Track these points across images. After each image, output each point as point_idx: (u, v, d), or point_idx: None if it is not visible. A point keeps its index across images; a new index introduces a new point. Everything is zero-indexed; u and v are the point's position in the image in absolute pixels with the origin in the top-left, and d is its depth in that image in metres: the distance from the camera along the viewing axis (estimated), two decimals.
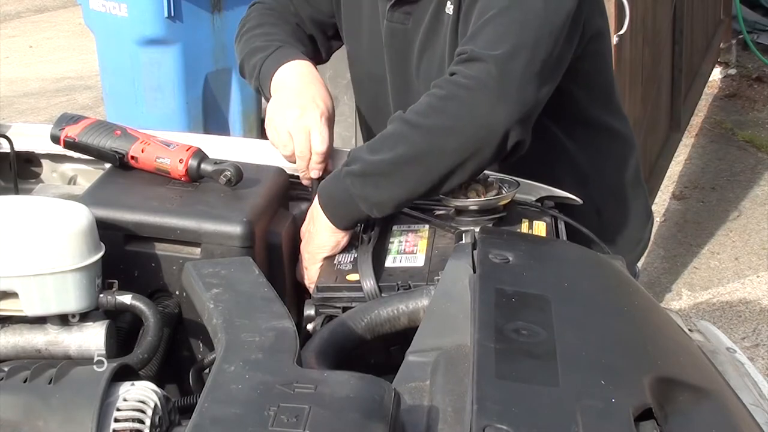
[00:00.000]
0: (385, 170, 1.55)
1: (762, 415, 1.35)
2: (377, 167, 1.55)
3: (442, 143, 1.53)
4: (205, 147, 1.57)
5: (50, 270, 1.28)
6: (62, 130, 1.60)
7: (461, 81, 1.55)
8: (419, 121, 1.55)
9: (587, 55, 1.77)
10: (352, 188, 1.55)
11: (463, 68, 1.56)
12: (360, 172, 1.55)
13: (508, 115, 1.53)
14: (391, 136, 1.57)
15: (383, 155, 1.55)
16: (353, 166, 1.56)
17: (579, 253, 1.46)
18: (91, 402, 1.03)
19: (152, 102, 4.49)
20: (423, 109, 1.57)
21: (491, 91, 1.53)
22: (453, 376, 1.10)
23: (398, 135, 1.56)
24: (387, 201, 1.56)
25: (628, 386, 1.06)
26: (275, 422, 0.94)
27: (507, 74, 1.54)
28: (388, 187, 1.55)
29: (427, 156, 1.54)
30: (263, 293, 1.22)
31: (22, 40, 8.28)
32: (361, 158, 1.57)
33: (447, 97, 1.55)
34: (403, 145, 1.55)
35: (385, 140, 1.58)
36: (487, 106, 1.53)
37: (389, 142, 1.56)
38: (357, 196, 1.55)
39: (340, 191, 1.57)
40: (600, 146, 1.94)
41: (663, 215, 4.74)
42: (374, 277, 1.45)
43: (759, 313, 3.95)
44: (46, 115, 6.25)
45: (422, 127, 1.55)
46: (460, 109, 1.53)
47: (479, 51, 1.56)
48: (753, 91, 6.26)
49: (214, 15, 4.46)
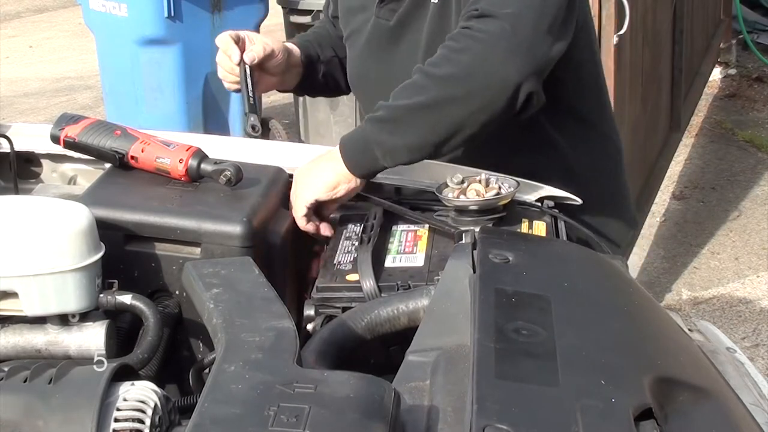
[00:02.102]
0: (400, 116, 1.61)
1: (762, 415, 1.35)
2: (394, 113, 1.61)
3: (454, 92, 1.59)
4: (205, 147, 1.57)
5: (50, 270, 1.28)
6: (62, 130, 1.60)
7: (475, 35, 1.60)
8: (433, 71, 1.62)
9: (577, 45, 1.79)
10: (370, 133, 1.62)
11: (475, 23, 1.61)
12: (379, 118, 1.62)
13: (521, 67, 1.58)
14: (411, 85, 1.64)
15: (400, 102, 1.62)
16: (377, 113, 1.63)
17: (579, 253, 1.46)
18: (91, 402, 1.03)
19: (152, 102, 4.50)
20: (438, 60, 1.63)
21: (505, 44, 1.58)
22: (453, 376, 1.10)
23: (415, 84, 1.63)
24: (400, 148, 1.61)
25: (628, 386, 1.06)
26: (275, 422, 0.94)
27: (520, 29, 1.59)
28: (401, 133, 1.60)
29: (439, 104, 1.60)
30: (263, 293, 1.22)
31: (22, 40, 8.28)
32: (384, 105, 1.63)
33: (461, 49, 1.61)
34: (418, 94, 1.61)
35: (405, 89, 1.64)
36: (501, 59, 1.58)
37: (408, 92, 1.63)
38: (373, 141, 1.61)
39: (358, 135, 1.64)
40: (589, 144, 1.95)
41: (663, 215, 4.75)
42: (374, 277, 1.46)
43: (759, 313, 3.95)
44: (46, 115, 6.25)
45: (435, 76, 1.61)
46: (473, 61, 1.59)
47: (491, 8, 1.61)
48: (753, 91, 6.27)
49: (214, 15, 4.46)
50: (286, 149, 1.76)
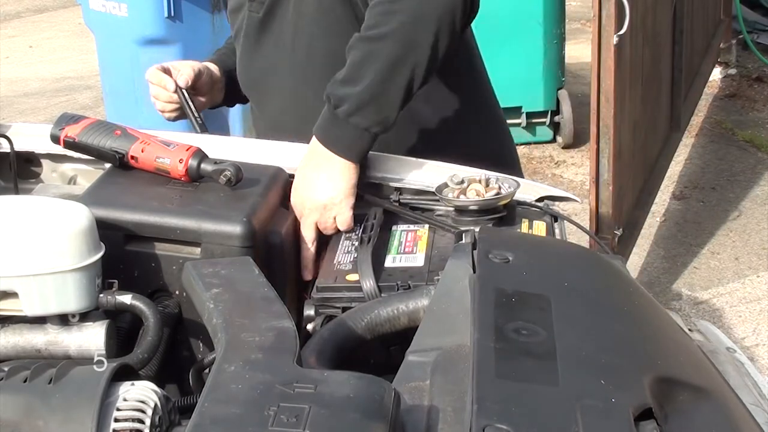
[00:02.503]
0: (377, 91, 1.60)
1: (762, 415, 1.35)
2: (369, 94, 1.59)
3: (413, 37, 1.59)
4: (205, 147, 1.57)
5: (50, 270, 1.28)
6: (62, 130, 1.60)
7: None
8: (380, 32, 1.60)
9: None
10: (360, 124, 1.60)
11: None
12: (356, 108, 1.59)
13: None
14: (362, 60, 1.61)
15: (366, 80, 1.59)
16: (345, 105, 1.60)
17: (579, 252, 1.46)
18: (91, 402, 1.03)
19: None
20: (376, 20, 1.61)
21: None
22: (453, 376, 1.10)
23: (368, 55, 1.61)
24: (393, 111, 1.61)
25: (628, 386, 1.06)
26: (275, 422, 0.94)
27: None
28: (388, 103, 1.60)
29: (405, 56, 1.59)
30: (263, 293, 1.22)
31: (22, 40, 8.29)
32: (347, 95, 1.60)
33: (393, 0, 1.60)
34: (378, 61, 1.59)
35: (358, 67, 1.61)
36: None
37: (364, 67, 1.61)
38: (366, 127, 1.60)
39: (348, 132, 1.61)
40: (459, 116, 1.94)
41: (663, 215, 4.75)
42: (374, 277, 1.46)
43: (759, 313, 3.95)
44: (46, 115, 6.25)
45: (386, 36, 1.59)
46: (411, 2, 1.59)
47: None
48: (753, 91, 6.27)
49: (214, 15, 4.46)
50: (287, 149, 1.75)
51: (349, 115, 1.60)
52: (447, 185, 1.63)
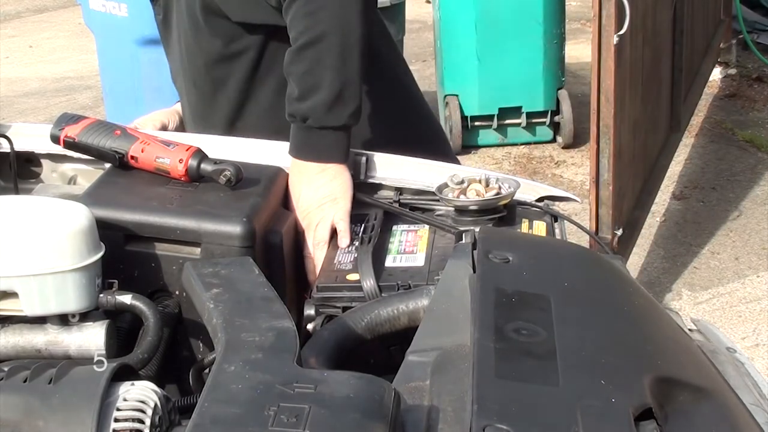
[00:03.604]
0: (339, 86, 1.61)
1: (762, 415, 1.35)
2: (332, 93, 1.61)
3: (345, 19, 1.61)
4: (205, 147, 1.57)
5: (50, 270, 1.28)
6: (62, 130, 1.60)
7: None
8: (316, 34, 1.61)
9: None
10: (336, 123, 1.62)
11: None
12: (326, 112, 1.61)
13: None
14: (311, 68, 1.62)
15: (325, 82, 1.61)
16: (315, 115, 1.61)
17: (579, 252, 1.46)
18: (91, 402, 1.03)
19: (152, 102, 4.48)
20: (305, 24, 1.62)
21: None
22: (453, 376, 1.10)
23: (315, 61, 1.62)
24: (358, 97, 1.64)
25: (628, 386, 1.06)
26: (275, 422, 0.94)
27: None
28: (352, 91, 1.62)
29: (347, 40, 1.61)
30: (263, 293, 1.22)
31: (22, 40, 8.29)
32: (312, 106, 1.61)
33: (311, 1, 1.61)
34: (328, 59, 1.61)
35: (311, 76, 1.62)
36: None
37: (317, 73, 1.62)
38: (342, 124, 1.62)
39: (327, 138, 1.63)
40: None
41: (663, 215, 4.75)
42: (374, 277, 1.46)
43: (759, 313, 3.95)
44: (46, 115, 6.25)
45: (323, 33, 1.61)
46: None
47: None
48: (753, 91, 6.27)
49: None
50: (286, 149, 1.75)
51: (322, 122, 1.62)
52: (447, 185, 1.63)
